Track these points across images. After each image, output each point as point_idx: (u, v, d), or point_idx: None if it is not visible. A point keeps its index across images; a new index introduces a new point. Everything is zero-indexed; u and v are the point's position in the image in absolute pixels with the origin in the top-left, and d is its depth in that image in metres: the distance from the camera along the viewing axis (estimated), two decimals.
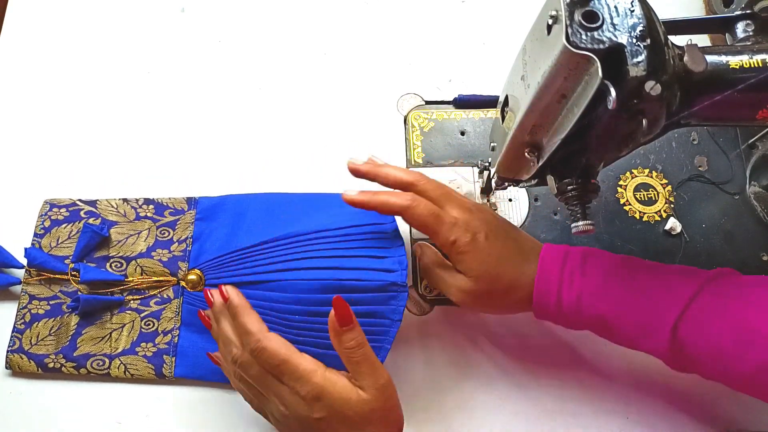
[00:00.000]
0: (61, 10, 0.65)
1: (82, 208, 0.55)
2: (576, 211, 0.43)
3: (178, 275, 0.53)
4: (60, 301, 0.52)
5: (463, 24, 0.66)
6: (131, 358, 0.51)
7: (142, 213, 0.55)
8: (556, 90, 0.36)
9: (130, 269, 0.53)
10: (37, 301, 0.52)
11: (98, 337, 0.51)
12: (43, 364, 0.50)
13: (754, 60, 0.39)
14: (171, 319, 0.52)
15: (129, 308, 0.52)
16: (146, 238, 0.54)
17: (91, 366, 0.50)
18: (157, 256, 0.53)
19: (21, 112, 0.60)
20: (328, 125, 0.60)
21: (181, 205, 0.56)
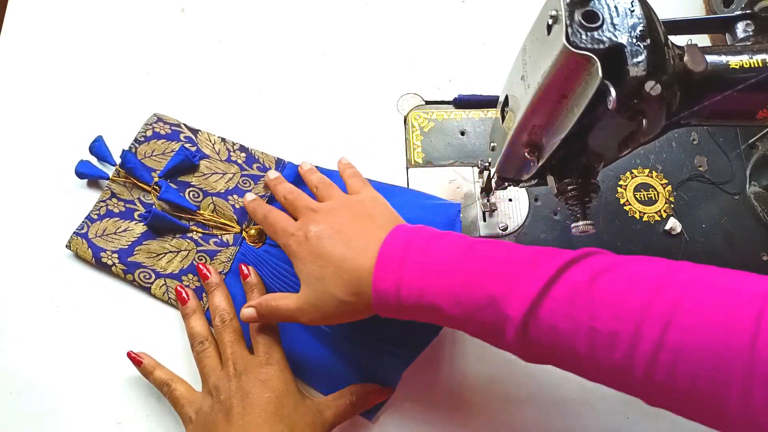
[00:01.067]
0: (61, 10, 0.65)
1: (184, 131, 0.57)
2: (576, 211, 0.43)
3: (243, 226, 0.55)
4: (135, 207, 0.55)
5: (463, 24, 0.66)
6: (175, 282, 0.53)
7: (234, 157, 0.57)
8: (556, 90, 0.36)
9: (204, 203, 0.55)
10: (116, 200, 0.55)
11: (154, 252, 0.54)
12: (98, 257, 0.53)
13: (754, 60, 0.39)
14: (222, 263, 0.54)
15: (190, 237, 0.54)
16: (228, 181, 0.56)
17: (138, 276, 0.53)
18: (232, 201, 0.55)
19: (21, 112, 0.60)
20: (328, 125, 0.60)
21: (270, 163, 0.58)
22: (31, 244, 0.55)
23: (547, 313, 0.36)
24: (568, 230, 0.47)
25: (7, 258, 0.54)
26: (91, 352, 0.52)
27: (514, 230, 0.56)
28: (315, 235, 0.44)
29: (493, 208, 0.56)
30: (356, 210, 0.47)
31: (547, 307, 0.36)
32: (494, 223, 0.56)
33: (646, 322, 0.33)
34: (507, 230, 0.56)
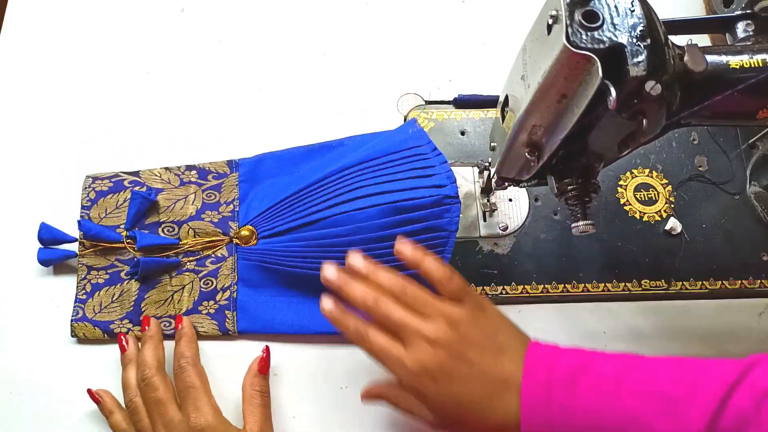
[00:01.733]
0: (61, 10, 0.65)
1: (125, 178, 0.56)
2: (576, 211, 0.43)
3: (230, 234, 0.54)
4: (118, 269, 0.53)
5: (463, 24, 0.66)
6: (196, 317, 0.52)
7: (185, 179, 0.56)
8: (556, 90, 0.36)
9: (182, 232, 0.54)
10: (95, 271, 0.53)
11: (161, 300, 0.52)
12: (108, 330, 0.51)
13: (754, 60, 0.39)
14: (228, 276, 0.53)
15: (186, 269, 0.53)
16: (194, 201, 0.55)
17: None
18: (207, 218, 0.54)
19: (20, 112, 0.60)
20: (328, 125, 0.60)
21: (222, 169, 0.57)
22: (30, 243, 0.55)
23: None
24: (568, 230, 0.47)
25: (7, 258, 0.54)
26: (91, 352, 0.52)
27: (514, 230, 0.56)
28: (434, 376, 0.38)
29: (493, 208, 0.56)
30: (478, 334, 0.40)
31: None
32: (494, 223, 0.56)
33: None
34: (507, 230, 0.56)
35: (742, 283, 0.55)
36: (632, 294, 0.55)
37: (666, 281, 0.55)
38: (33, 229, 0.55)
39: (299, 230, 0.52)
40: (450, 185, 0.50)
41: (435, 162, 0.52)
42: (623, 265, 0.55)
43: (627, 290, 0.55)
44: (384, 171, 0.52)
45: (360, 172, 0.52)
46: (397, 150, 0.53)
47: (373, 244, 0.49)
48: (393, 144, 0.53)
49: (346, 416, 0.50)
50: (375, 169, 0.52)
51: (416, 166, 0.52)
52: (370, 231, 0.49)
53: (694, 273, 0.55)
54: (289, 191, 0.54)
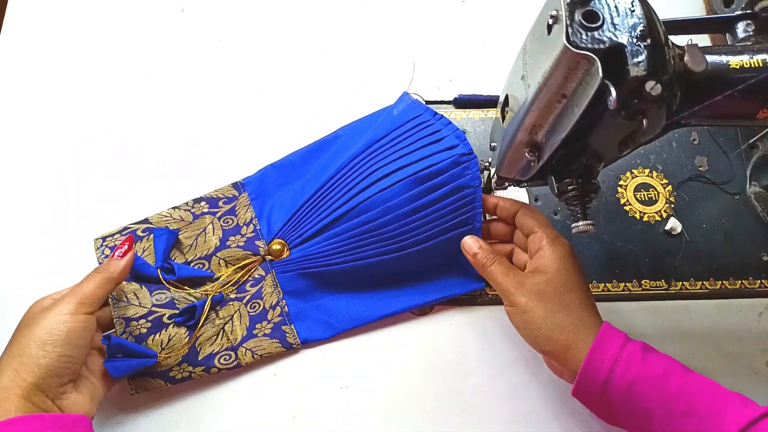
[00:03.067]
0: (61, 10, 0.65)
1: (136, 228, 0.53)
2: (576, 211, 0.43)
3: (261, 253, 0.53)
4: (158, 314, 0.49)
5: (463, 24, 0.66)
6: (253, 341, 0.51)
7: (197, 212, 0.54)
8: (556, 90, 0.36)
9: (213, 265, 0.52)
10: (134, 321, 0.48)
11: (213, 335, 0.50)
12: (170, 378, 0.48)
13: (754, 60, 0.39)
14: (272, 293, 0.53)
15: (229, 300, 0.52)
16: (214, 232, 0.54)
17: (219, 362, 0.50)
18: (233, 244, 0.53)
19: (20, 112, 0.60)
20: (328, 125, 0.60)
21: (231, 193, 0.56)
22: (30, 244, 0.55)
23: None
24: (568, 230, 0.47)
25: (6, 258, 0.54)
26: None
27: None
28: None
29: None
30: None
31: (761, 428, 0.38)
32: None
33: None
34: None
35: (742, 283, 0.55)
36: (632, 294, 0.55)
37: (666, 281, 0.55)
38: (33, 229, 0.55)
39: (329, 228, 0.52)
40: (462, 143, 0.51)
41: (440, 126, 0.53)
42: (623, 265, 0.55)
43: (627, 290, 0.55)
44: (395, 147, 0.52)
45: (372, 155, 0.52)
46: (400, 124, 0.53)
47: (405, 219, 0.50)
48: (393, 121, 0.54)
49: (346, 416, 0.50)
50: (386, 148, 0.52)
51: (424, 134, 0.52)
52: (399, 208, 0.50)
53: (694, 273, 0.55)
54: (306, 195, 0.54)
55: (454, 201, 0.50)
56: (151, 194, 0.56)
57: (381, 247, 0.51)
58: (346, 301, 0.53)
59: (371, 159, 0.52)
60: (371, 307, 0.53)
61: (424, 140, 0.52)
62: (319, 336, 0.52)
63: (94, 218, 0.55)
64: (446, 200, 0.50)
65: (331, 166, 0.54)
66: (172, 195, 0.56)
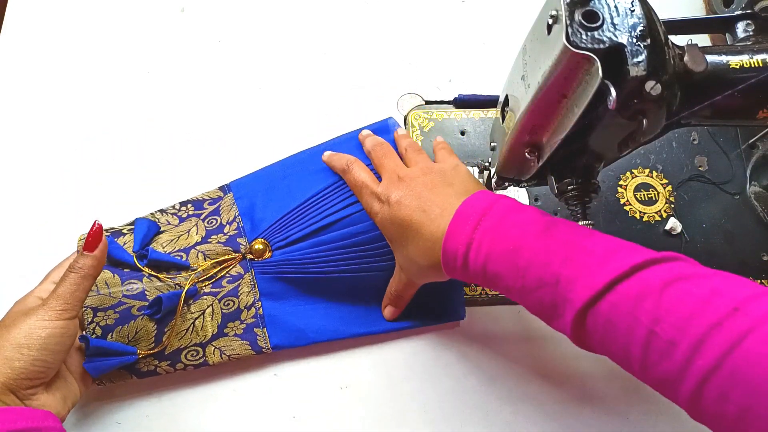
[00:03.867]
0: (61, 10, 0.65)
1: (122, 228, 0.52)
2: (576, 211, 0.43)
3: (242, 250, 0.52)
4: (127, 305, 0.48)
5: (463, 24, 0.66)
6: (223, 340, 0.50)
7: (183, 215, 0.53)
8: (556, 90, 0.36)
9: (191, 258, 0.50)
10: (102, 312, 0.47)
11: (182, 330, 0.49)
12: (136, 371, 0.48)
13: (754, 60, 0.39)
14: (249, 293, 0.51)
15: (204, 293, 0.50)
16: (197, 232, 0.52)
17: (186, 359, 0.49)
18: (215, 240, 0.52)
19: (20, 112, 0.60)
20: (328, 125, 0.60)
21: (216, 194, 0.55)
22: (29, 245, 0.55)
23: (609, 306, 0.35)
24: None
25: (6, 259, 0.54)
26: None
27: None
28: (396, 201, 0.46)
29: None
30: (437, 178, 0.47)
31: (610, 300, 0.35)
32: None
33: (710, 339, 0.32)
34: None
35: None
36: None
37: None
38: (32, 230, 0.55)
39: (316, 235, 0.51)
40: None
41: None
42: None
43: None
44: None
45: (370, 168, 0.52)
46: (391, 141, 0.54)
47: None
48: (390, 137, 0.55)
49: (346, 416, 0.50)
50: None
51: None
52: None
53: None
54: (298, 199, 0.53)
55: None
56: (152, 194, 0.56)
57: (366, 262, 0.50)
58: (324, 313, 0.52)
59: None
60: (348, 322, 0.52)
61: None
62: (291, 343, 0.51)
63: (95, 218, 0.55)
64: None
65: (326, 173, 0.54)
66: (173, 194, 0.56)
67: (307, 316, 0.52)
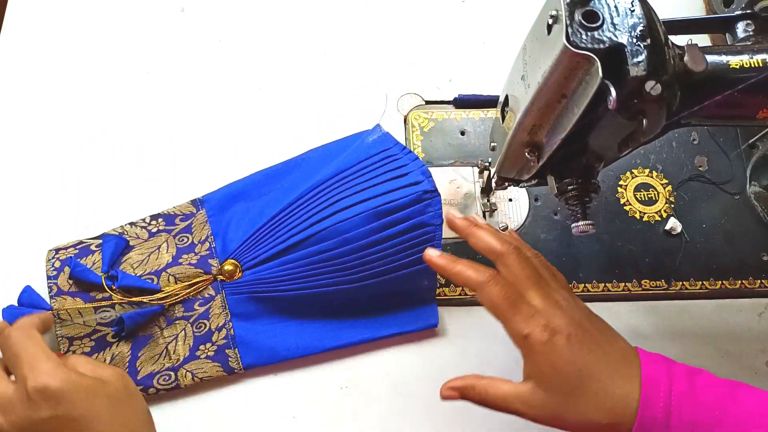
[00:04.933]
0: (61, 10, 0.65)
1: (90, 243, 0.52)
2: (576, 211, 0.43)
3: (212, 272, 0.52)
4: (102, 332, 0.49)
5: (463, 24, 0.66)
6: (195, 363, 0.50)
7: (153, 229, 0.53)
8: (556, 90, 0.36)
9: (162, 281, 0.50)
10: (78, 341, 0.49)
11: (155, 354, 0.50)
12: None
13: (754, 60, 0.39)
14: (220, 315, 0.51)
15: (176, 318, 0.50)
16: (168, 250, 0.52)
17: (158, 383, 0.49)
18: (186, 261, 0.51)
19: (19, 113, 0.60)
20: (328, 125, 0.60)
21: (188, 210, 0.55)
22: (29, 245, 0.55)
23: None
24: (568, 230, 0.47)
25: (6, 260, 0.54)
26: None
27: (514, 230, 0.56)
28: (568, 337, 0.38)
29: (493, 208, 0.56)
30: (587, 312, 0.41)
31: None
32: (494, 223, 0.56)
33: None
34: (507, 230, 0.56)
35: (742, 283, 0.55)
36: (632, 294, 0.55)
37: (666, 281, 0.55)
38: (30, 232, 0.55)
39: (285, 254, 0.51)
40: (426, 180, 0.50)
41: (407, 161, 0.52)
42: (623, 265, 0.55)
43: (627, 290, 0.55)
44: (359, 179, 0.51)
45: (336, 184, 0.51)
46: (368, 156, 0.53)
47: (362, 251, 0.49)
48: (362, 151, 0.53)
49: (347, 416, 0.50)
50: (350, 179, 0.51)
51: (389, 168, 0.52)
52: (357, 240, 0.49)
53: (694, 273, 0.55)
54: (265, 217, 0.52)
55: (413, 237, 0.49)
56: (152, 194, 0.56)
57: (336, 277, 0.50)
58: (296, 329, 0.52)
59: (334, 188, 0.51)
60: (320, 337, 0.51)
61: (389, 174, 0.51)
62: (264, 362, 0.50)
63: (95, 218, 0.55)
64: (405, 236, 0.49)
65: (294, 189, 0.53)
66: (173, 194, 0.56)
67: (279, 334, 0.51)
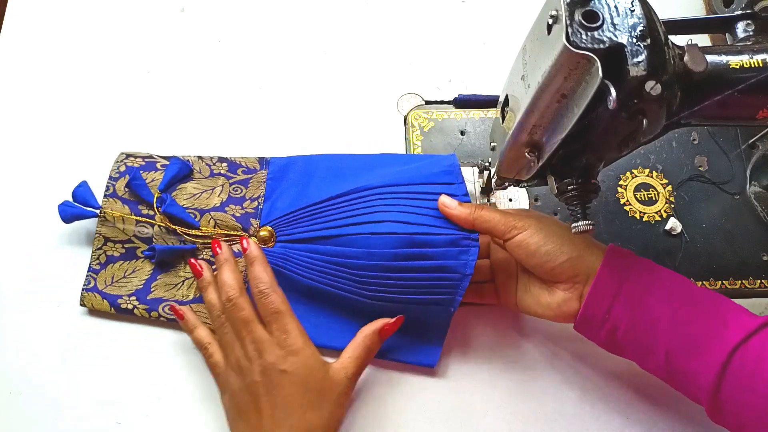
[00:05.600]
0: (61, 10, 0.65)
1: (158, 161, 0.55)
2: (576, 211, 0.43)
3: (249, 231, 0.53)
4: (134, 245, 0.53)
5: (463, 24, 0.66)
6: (202, 306, 0.51)
7: (216, 170, 0.56)
8: (556, 90, 0.36)
9: (203, 221, 0.53)
10: (111, 243, 0.53)
11: (171, 284, 0.52)
12: (116, 305, 0.51)
13: (754, 60, 0.39)
14: (240, 273, 0.51)
15: (201, 259, 0.53)
16: (220, 194, 0.55)
17: (162, 310, 0.51)
18: (230, 211, 0.54)
19: (19, 114, 0.60)
20: (328, 125, 0.60)
21: (253, 165, 0.57)
22: (29, 245, 0.55)
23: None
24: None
25: (6, 260, 0.54)
26: (91, 351, 0.52)
27: None
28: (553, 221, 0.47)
29: None
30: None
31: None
32: None
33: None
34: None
35: (742, 283, 0.55)
36: None
37: None
38: (29, 234, 0.55)
39: (315, 242, 0.51)
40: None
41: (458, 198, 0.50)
42: None
43: None
44: (408, 201, 0.50)
45: (384, 195, 0.50)
46: (427, 182, 0.51)
47: (384, 272, 0.48)
48: (425, 175, 0.51)
49: (346, 416, 0.50)
50: (399, 197, 0.50)
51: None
52: (382, 258, 0.48)
53: (694, 273, 0.55)
54: (312, 199, 0.53)
55: (437, 278, 0.48)
56: None
57: (351, 285, 0.49)
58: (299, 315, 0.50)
59: (382, 198, 0.50)
60: (321, 333, 0.51)
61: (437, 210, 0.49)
62: None
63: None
64: (430, 273, 0.48)
65: (348, 183, 0.53)
66: None
67: None
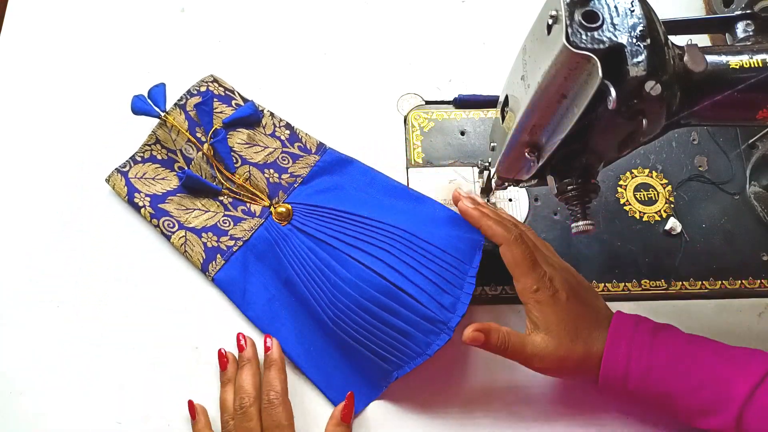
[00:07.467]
0: (61, 10, 0.65)
1: (236, 99, 0.59)
2: (576, 211, 0.43)
3: (273, 201, 0.56)
4: (176, 158, 0.56)
5: (463, 24, 0.66)
6: (194, 237, 0.54)
7: (278, 133, 0.58)
8: (556, 90, 0.36)
9: (240, 170, 0.56)
10: (159, 146, 0.57)
11: (184, 206, 0.55)
12: (131, 197, 0.55)
13: (754, 60, 0.39)
14: (244, 231, 0.55)
15: (220, 201, 0.56)
16: (267, 155, 0.57)
17: (162, 223, 0.54)
18: (268, 175, 0.56)
19: (18, 114, 0.60)
20: (328, 125, 0.60)
21: (311, 145, 0.58)
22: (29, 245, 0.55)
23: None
24: (568, 230, 0.47)
25: (6, 259, 0.54)
26: (91, 351, 0.52)
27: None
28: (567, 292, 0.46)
29: (492, 208, 0.56)
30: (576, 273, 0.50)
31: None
32: None
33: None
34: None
35: (742, 283, 0.55)
36: (632, 294, 0.55)
37: (666, 281, 0.55)
38: (28, 236, 0.55)
39: (319, 243, 0.52)
40: (454, 316, 0.48)
41: (464, 289, 0.49)
42: (623, 265, 0.55)
43: (627, 290, 0.55)
44: (414, 254, 0.50)
45: (396, 237, 0.50)
46: (444, 248, 0.50)
47: (355, 306, 0.48)
48: (447, 240, 0.51)
49: None
50: (409, 246, 0.50)
51: (443, 274, 0.49)
52: (361, 295, 0.48)
53: (694, 273, 0.55)
54: (342, 205, 0.53)
55: (397, 342, 0.48)
56: None
57: (322, 298, 0.50)
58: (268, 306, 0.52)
59: (394, 239, 0.50)
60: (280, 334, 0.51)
61: (438, 278, 0.49)
62: (229, 292, 0.53)
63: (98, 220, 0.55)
64: (393, 331, 0.48)
65: (379, 209, 0.53)
66: None
67: (254, 294, 0.53)
